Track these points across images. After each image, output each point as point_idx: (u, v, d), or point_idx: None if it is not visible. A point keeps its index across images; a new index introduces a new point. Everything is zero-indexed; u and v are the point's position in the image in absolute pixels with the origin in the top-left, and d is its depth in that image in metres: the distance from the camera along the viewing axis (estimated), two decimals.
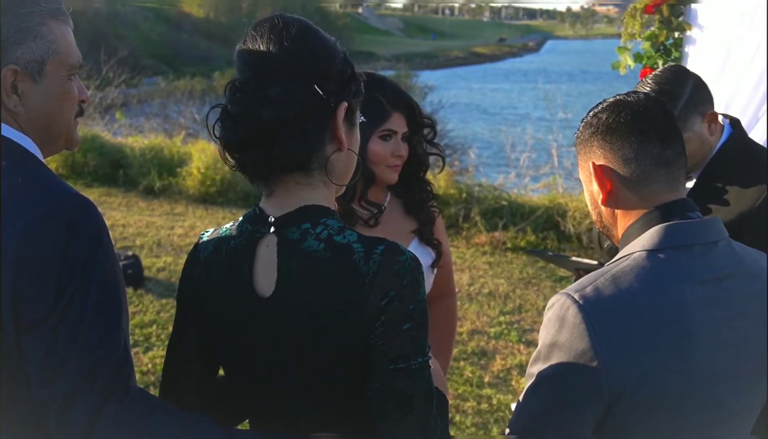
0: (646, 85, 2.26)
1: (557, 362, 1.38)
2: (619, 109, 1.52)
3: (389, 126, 2.15)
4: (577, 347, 1.36)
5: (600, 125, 1.52)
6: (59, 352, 1.27)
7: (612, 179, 1.50)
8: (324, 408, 1.39)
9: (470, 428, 4.14)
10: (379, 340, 1.29)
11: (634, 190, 1.49)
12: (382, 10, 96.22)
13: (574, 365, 1.36)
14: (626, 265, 1.43)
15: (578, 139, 1.58)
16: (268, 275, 1.36)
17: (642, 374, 1.35)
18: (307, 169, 1.36)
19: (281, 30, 1.33)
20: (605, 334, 1.35)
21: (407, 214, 2.31)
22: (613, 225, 1.55)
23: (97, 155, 10.01)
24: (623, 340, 1.35)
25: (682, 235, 1.44)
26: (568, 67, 52.19)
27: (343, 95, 1.36)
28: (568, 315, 1.37)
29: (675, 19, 3.78)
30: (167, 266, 6.60)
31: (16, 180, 1.33)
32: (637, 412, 1.38)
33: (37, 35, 1.39)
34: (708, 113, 2.25)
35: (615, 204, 1.52)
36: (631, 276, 1.40)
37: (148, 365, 4.69)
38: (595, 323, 1.35)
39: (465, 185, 8.19)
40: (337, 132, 1.36)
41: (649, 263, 1.42)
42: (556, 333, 1.39)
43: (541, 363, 1.42)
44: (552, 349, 1.39)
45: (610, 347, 1.34)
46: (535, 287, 6.45)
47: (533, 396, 1.43)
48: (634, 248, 1.46)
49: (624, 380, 1.35)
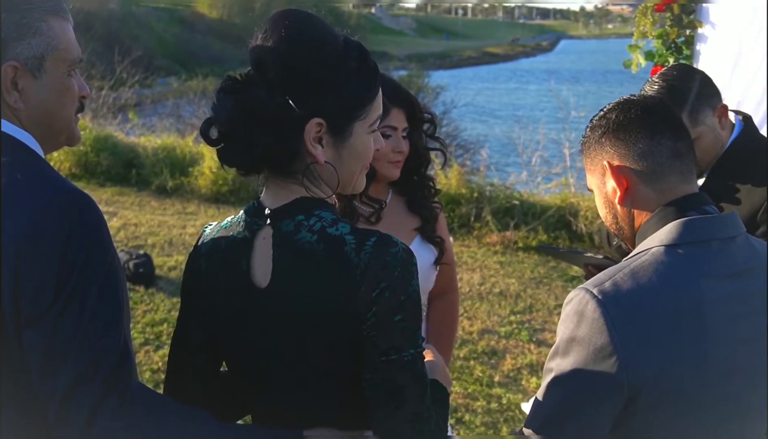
0: (654, 83, 2.26)
1: (576, 357, 1.39)
2: (627, 106, 1.53)
3: (389, 122, 2.15)
4: (596, 342, 1.36)
5: (610, 124, 1.52)
6: (59, 347, 1.27)
7: (628, 176, 1.50)
8: (321, 399, 1.39)
9: (480, 427, 4.13)
10: (371, 331, 1.30)
11: (651, 184, 1.49)
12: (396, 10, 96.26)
13: (593, 360, 1.36)
14: (645, 260, 1.43)
15: (586, 143, 1.58)
16: (264, 267, 1.36)
17: (660, 369, 1.36)
18: (287, 172, 1.37)
19: (269, 34, 1.34)
20: (624, 329, 1.35)
21: (409, 211, 2.31)
22: (628, 225, 1.54)
23: (110, 155, 10.06)
24: (642, 335, 1.36)
25: (700, 230, 1.44)
26: (582, 66, 51.99)
27: (318, 110, 1.33)
28: (587, 310, 1.37)
29: (686, 17, 3.76)
30: (179, 265, 6.62)
31: (16, 176, 1.33)
32: (655, 407, 1.38)
33: (37, 31, 1.39)
34: (718, 106, 2.25)
35: (631, 202, 1.52)
36: (650, 271, 1.40)
37: (159, 363, 4.71)
38: (614, 318, 1.35)
39: (476, 185, 8.16)
40: (307, 147, 1.34)
41: (667, 257, 1.42)
42: (574, 328, 1.39)
43: (559, 358, 1.42)
44: (571, 344, 1.40)
45: (629, 342, 1.35)
46: (547, 286, 6.43)
47: (552, 391, 1.43)
48: (652, 243, 1.46)
49: (643, 374, 1.35)
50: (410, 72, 22.67)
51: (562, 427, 1.41)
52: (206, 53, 37.46)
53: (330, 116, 1.34)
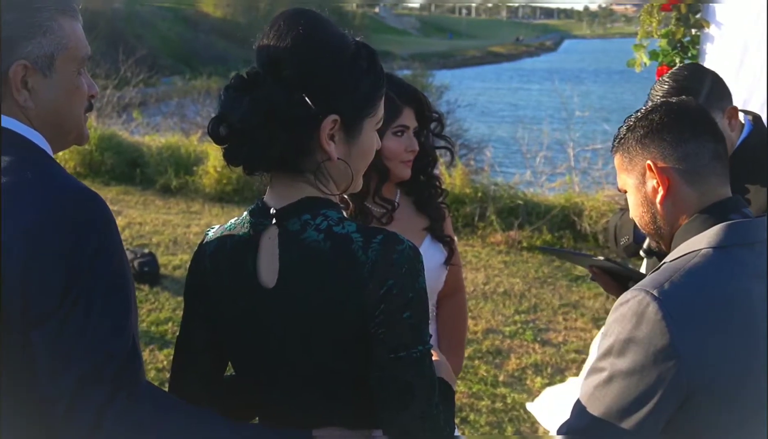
0: (664, 83, 2.25)
1: (634, 357, 1.39)
2: (669, 108, 1.56)
3: (402, 121, 2.15)
4: (656, 343, 1.37)
5: (654, 125, 1.55)
6: (67, 346, 1.27)
7: (671, 176, 1.52)
8: (329, 398, 1.39)
9: (484, 427, 4.13)
10: (379, 329, 1.30)
11: (694, 185, 1.52)
12: (399, 10, 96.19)
13: (653, 361, 1.37)
14: (698, 261, 1.45)
15: (624, 143, 1.59)
16: (270, 267, 1.36)
17: (718, 369, 1.38)
18: (297, 171, 1.37)
19: (283, 32, 1.34)
20: (684, 330, 1.37)
21: (418, 211, 2.31)
22: (667, 225, 1.56)
23: (115, 154, 10.07)
24: (701, 335, 1.38)
25: (746, 232, 1.48)
26: (586, 66, 51.91)
27: (334, 107, 1.34)
28: (648, 311, 1.38)
29: (692, 16, 3.74)
30: (183, 263, 6.62)
31: (26, 175, 1.33)
32: (709, 406, 1.40)
33: (47, 31, 1.39)
34: (728, 109, 2.24)
35: (673, 202, 1.54)
36: (704, 272, 1.43)
37: (164, 362, 4.71)
38: (676, 320, 1.37)
39: (481, 184, 8.16)
40: (322, 143, 1.35)
41: (717, 259, 1.45)
42: (633, 329, 1.39)
43: (613, 358, 1.42)
44: (628, 344, 1.40)
45: (689, 342, 1.37)
46: (551, 286, 6.42)
47: (605, 390, 1.42)
48: (699, 244, 1.47)
49: (701, 375, 1.37)
50: (414, 71, 22.63)
51: (614, 427, 1.41)
52: (210, 52, 37.45)
53: (345, 113, 1.36)
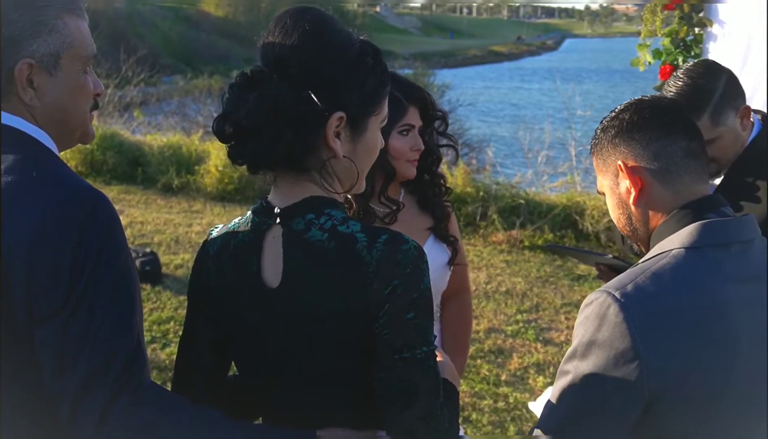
0: (679, 79, 2.23)
1: (596, 360, 1.36)
2: (640, 107, 1.52)
3: (407, 120, 2.14)
4: (617, 346, 1.34)
5: (624, 125, 1.51)
6: (72, 344, 1.27)
7: (643, 176, 1.49)
8: (333, 399, 1.39)
9: (487, 426, 4.13)
10: (383, 329, 1.29)
11: (666, 184, 1.48)
12: (400, 9, 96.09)
13: (614, 364, 1.34)
14: (666, 262, 1.41)
15: (598, 144, 1.57)
16: (274, 266, 1.36)
17: (685, 373, 1.34)
18: (302, 169, 1.37)
19: (289, 30, 1.34)
20: (647, 333, 1.33)
21: (422, 210, 2.30)
22: (642, 226, 1.53)
23: (116, 153, 10.08)
24: (665, 339, 1.34)
25: (721, 232, 1.43)
26: (587, 65, 51.87)
27: (340, 104, 1.34)
28: (609, 313, 1.35)
29: (695, 15, 3.75)
30: (185, 263, 6.63)
31: (31, 173, 1.33)
32: (677, 410, 1.36)
33: (52, 29, 1.39)
34: (741, 108, 2.23)
35: (646, 202, 1.50)
36: (673, 273, 1.38)
37: (166, 361, 4.71)
38: (636, 322, 1.33)
39: (482, 184, 8.16)
40: (328, 140, 1.35)
41: (689, 260, 1.40)
42: (595, 331, 1.37)
43: (577, 361, 1.39)
44: (590, 347, 1.37)
45: (651, 345, 1.33)
46: (553, 285, 6.42)
47: (569, 394, 1.40)
48: (671, 244, 1.43)
49: (665, 380, 1.33)
50: (415, 71, 22.59)
51: (578, 430, 1.39)
52: (211, 51, 37.46)
53: (350, 110, 1.35)
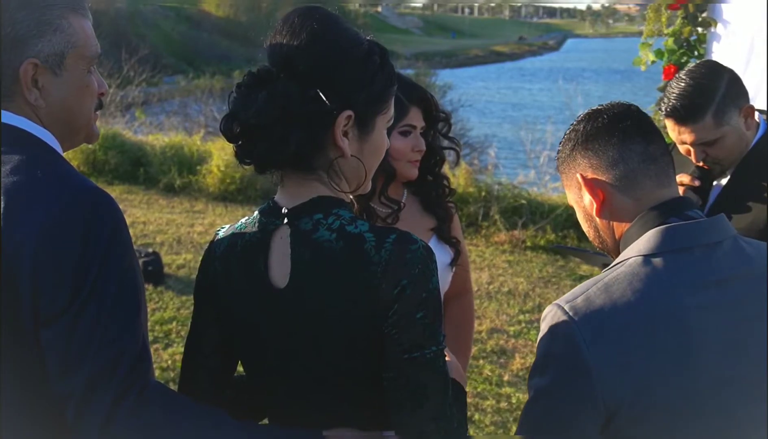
0: (681, 80, 2.23)
1: (552, 374, 1.36)
2: (595, 116, 1.51)
3: (408, 121, 2.14)
4: (569, 359, 1.33)
5: (579, 136, 1.50)
6: (78, 345, 1.27)
7: (603, 187, 1.47)
8: (341, 399, 1.38)
9: (489, 426, 4.12)
10: (392, 329, 1.29)
11: (626, 191, 1.45)
12: (402, 9, 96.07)
13: (568, 378, 1.33)
14: (620, 272, 1.38)
15: (560, 158, 1.55)
16: (282, 266, 1.36)
17: (641, 385, 1.31)
18: (309, 168, 1.36)
19: (297, 29, 1.34)
20: (597, 345, 1.31)
21: (425, 211, 2.30)
22: (609, 236, 1.51)
23: (118, 153, 10.08)
24: (617, 351, 1.31)
25: (681, 237, 1.39)
26: (589, 65, 51.85)
27: (349, 103, 1.34)
28: (558, 327, 1.35)
29: (699, 15, 3.75)
30: (187, 263, 6.63)
31: (36, 173, 1.33)
32: (638, 422, 1.33)
33: (57, 29, 1.39)
34: (744, 107, 2.22)
35: (609, 213, 1.48)
36: (624, 284, 1.36)
37: (168, 361, 4.71)
38: (585, 335, 1.32)
39: (484, 184, 8.16)
40: (336, 139, 1.34)
41: (644, 268, 1.37)
42: (548, 344, 1.37)
43: (537, 377, 1.38)
44: (546, 360, 1.37)
45: (602, 358, 1.31)
46: (555, 285, 6.42)
47: (532, 409, 1.40)
48: (630, 253, 1.41)
49: (620, 391, 1.31)
50: (417, 70, 22.64)
51: None
52: (213, 52, 37.47)
53: (359, 109, 1.35)
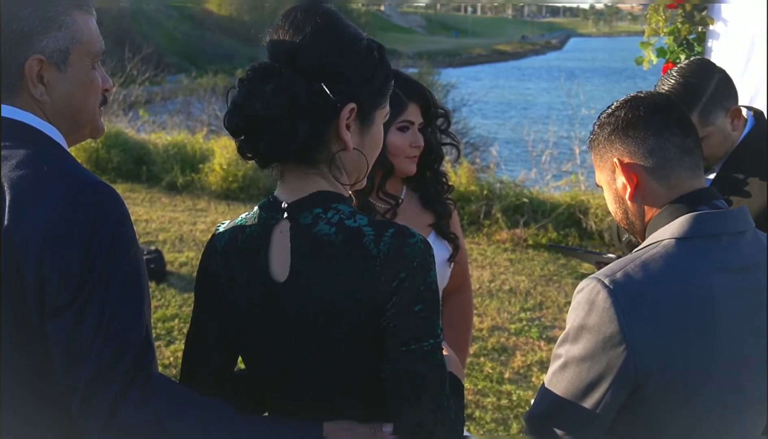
0: (671, 77, 2.24)
1: (586, 344, 1.42)
2: (635, 104, 1.57)
3: (406, 117, 2.16)
4: (605, 331, 1.39)
5: (619, 122, 1.56)
6: (83, 338, 1.28)
7: (638, 173, 1.53)
8: (341, 391, 1.40)
9: (490, 423, 4.14)
10: (390, 322, 1.31)
11: (661, 179, 1.52)
12: (405, 8, 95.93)
13: (602, 348, 1.40)
14: (656, 252, 1.46)
15: (595, 140, 1.61)
16: (282, 261, 1.37)
17: (667, 358, 1.39)
18: (311, 162, 1.38)
19: (300, 24, 1.36)
20: (633, 318, 1.39)
21: (424, 207, 2.32)
22: (639, 219, 1.57)
23: (121, 151, 10.11)
24: (651, 324, 1.39)
25: (711, 224, 1.47)
26: (592, 64, 51.76)
27: (352, 96, 1.36)
28: (598, 299, 1.41)
29: (698, 14, 3.75)
30: (189, 260, 6.65)
31: (42, 168, 1.35)
32: (661, 394, 1.41)
33: (61, 25, 1.41)
34: (732, 109, 2.23)
35: (642, 197, 1.55)
36: (661, 262, 1.44)
37: (170, 358, 4.74)
38: (624, 308, 1.39)
39: (486, 182, 8.17)
40: (340, 132, 1.37)
41: (678, 250, 1.45)
42: (585, 316, 1.42)
43: (569, 344, 1.46)
44: (581, 331, 1.43)
45: (637, 331, 1.38)
46: (556, 284, 6.43)
47: (560, 376, 1.47)
48: (663, 235, 1.48)
49: (650, 363, 1.39)
50: (420, 69, 22.59)
51: (569, 411, 1.45)
52: (216, 50, 37.50)
53: (361, 102, 1.38)
